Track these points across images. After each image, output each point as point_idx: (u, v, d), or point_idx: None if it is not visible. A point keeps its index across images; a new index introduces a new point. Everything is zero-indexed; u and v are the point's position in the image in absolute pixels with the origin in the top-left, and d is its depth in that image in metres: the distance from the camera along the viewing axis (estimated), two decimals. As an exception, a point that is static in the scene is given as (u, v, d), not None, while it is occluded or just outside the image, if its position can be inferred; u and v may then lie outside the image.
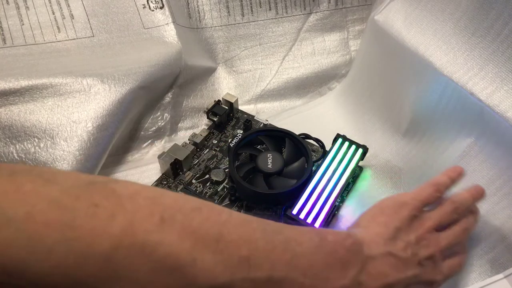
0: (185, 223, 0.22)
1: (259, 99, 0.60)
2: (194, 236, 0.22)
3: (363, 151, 0.46)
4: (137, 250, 0.20)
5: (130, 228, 0.20)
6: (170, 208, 0.22)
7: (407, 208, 0.32)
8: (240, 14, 0.59)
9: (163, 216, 0.22)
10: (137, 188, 0.23)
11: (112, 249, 0.20)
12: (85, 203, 0.20)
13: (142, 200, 0.22)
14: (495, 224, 0.37)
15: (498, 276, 0.32)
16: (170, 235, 0.21)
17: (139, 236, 0.20)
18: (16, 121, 0.43)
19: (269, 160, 0.46)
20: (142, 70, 0.48)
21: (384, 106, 0.52)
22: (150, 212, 0.21)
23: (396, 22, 0.46)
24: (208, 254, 0.22)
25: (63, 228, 0.19)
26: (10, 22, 0.47)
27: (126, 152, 0.52)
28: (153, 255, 0.21)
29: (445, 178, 0.35)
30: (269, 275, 0.23)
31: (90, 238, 0.19)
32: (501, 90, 0.35)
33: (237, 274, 0.22)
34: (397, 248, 0.29)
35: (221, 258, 0.22)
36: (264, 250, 0.24)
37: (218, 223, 0.23)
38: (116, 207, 0.21)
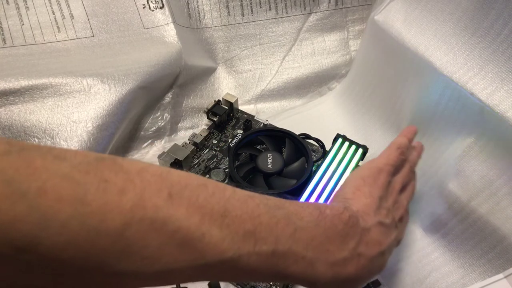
0: (192, 198, 0.22)
1: (259, 99, 0.60)
2: (201, 211, 0.22)
3: (363, 151, 0.46)
4: (148, 225, 0.20)
5: (140, 203, 0.20)
6: (177, 184, 0.23)
7: (383, 175, 0.34)
8: (240, 14, 0.59)
9: (171, 192, 0.22)
10: (144, 165, 0.23)
11: (124, 224, 0.20)
12: (95, 178, 0.20)
13: (150, 176, 0.22)
14: (495, 224, 0.37)
15: (498, 276, 0.32)
16: (178, 210, 0.21)
17: (149, 211, 0.21)
18: (16, 121, 0.43)
19: (269, 160, 0.46)
20: (142, 70, 0.48)
21: (384, 106, 0.52)
22: (159, 188, 0.22)
23: (396, 22, 0.46)
24: (215, 228, 0.22)
25: (75, 203, 0.19)
26: (10, 22, 0.47)
27: (126, 152, 0.52)
28: (163, 230, 0.21)
29: (405, 139, 0.38)
30: (274, 248, 0.24)
31: (102, 213, 0.19)
32: (501, 90, 0.35)
33: (243, 248, 0.23)
34: (383, 216, 0.31)
35: (228, 232, 0.23)
36: (268, 224, 0.24)
37: (223, 198, 0.24)
38: (126, 182, 0.21)
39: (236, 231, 0.23)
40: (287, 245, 0.25)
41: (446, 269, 0.42)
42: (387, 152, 0.36)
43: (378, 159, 0.36)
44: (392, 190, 0.34)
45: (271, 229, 0.24)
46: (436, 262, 0.42)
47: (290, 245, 0.25)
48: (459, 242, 0.41)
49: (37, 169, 0.19)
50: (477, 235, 0.39)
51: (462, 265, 0.41)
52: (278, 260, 0.24)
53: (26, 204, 0.18)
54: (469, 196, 0.39)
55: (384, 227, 0.31)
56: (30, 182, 0.18)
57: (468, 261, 0.41)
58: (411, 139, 0.39)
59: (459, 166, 0.40)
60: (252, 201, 0.25)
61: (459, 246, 0.41)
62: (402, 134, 0.39)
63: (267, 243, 0.24)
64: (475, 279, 0.40)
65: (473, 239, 0.40)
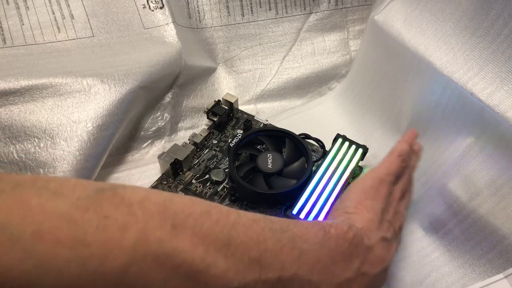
0: (196, 228, 0.22)
1: (259, 99, 0.60)
2: (205, 241, 0.22)
3: (363, 151, 0.46)
4: (152, 261, 0.20)
5: (143, 238, 0.20)
6: (181, 213, 0.22)
7: (385, 186, 0.33)
8: (240, 14, 0.59)
9: (174, 223, 0.21)
10: (145, 194, 0.22)
11: (126, 263, 0.19)
12: (95, 215, 0.19)
13: (152, 206, 0.21)
14: (495, 224, 0.37)
15: (498, 276, 0.32)
16: (182, 242, 0.21)
17: (152, 246, 0.20)
18: (16, 121, 0.43)
19: (269, 160, 0.46)
20: (142, 70, 0.48)
21: (384, 106, 0.52)
22: (162, 219, 0.21)
23: (396, 22, 0.46)
24: (220, 259, 0.22)
25: (74, 246, 0.18)
26: (10, 22, 0.47)
27: (126, 152, 0.52)
28: (168, 264, 0.20)
29: (406, 145, 0.37)
30: (279, 275, 0.24)
31: (103, 253, 0.19)
32: (501, 90, 0.35)
33: (249, 276, 0.23)
34: (385, 230, 0.31)
35: (233, 262, 0.22)
36: (273, 250, 0.24)
37: (228, 225, 0.23)
38: (127, 216, 0.20)
39: (241, 260, 0.22)
40: (292, 270, 0.24)
41: (446, 269, 0.41)
42: (388, 160, 0.35)
43: (379, 169, 0.35)
44: (392, 200, 0.34)
45: (276, 255, 0.24)
46: (436, 262, 0.42)
47: (295, 270, 0.24)
48: (459, 242, 0.41)
49: (32, 209, 0.18)
50: (477, 235, 0.39)
51: (462, 265, 0.41)
52: (284, 286, 0.24)
53: (20, 249, 0.17)
54: (469, 196, 0.39)
55: (386, 242, 0.30)
56: (25, 226, 0.17)
57: (468, 261, 0.41)
58: (413, 144, 0.38)
59: (459, 166, 0.40)
60: (257, 225, 0.24)
61: (459, 246, 0.41)
62: (403, 140, 0.38)
63: (273, 270, 0.23)
64: (475, 279, 0.40)
65: (473, 239, 0.40)
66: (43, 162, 0.42)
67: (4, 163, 0.42)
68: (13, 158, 0.42)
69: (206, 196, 0.46)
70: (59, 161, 0.42)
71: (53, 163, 0.42)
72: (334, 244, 0.27)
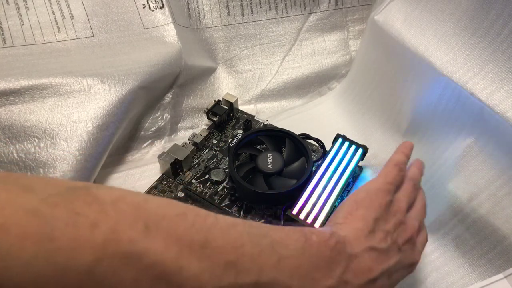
0: (170, 230, 0.22)
1: (259, 99, 0.60)
2: (179, 243, 0.21)
3: (363, 151, 0.46)
4: (121, 260, 0.20)
5: (113, 237, 0.20)
6: (155, 215, 0.22)
7: (382, 195, 0.31)
8: (240, 14, 0.59)
9: (147, 223, 0.21)
10: (120, 194, 0.22)
11: (95, 260, 0.19)
12: (65, 211, 0.19)
13: (126, 206, 0.21)
14: (495, 224, 0.37)
15: (498, 276, 0.32)
16: (155, 243, 0.21)
17: (123, 245, 0.20)
18: (16, 121, 0.43)
19: (269, 160, 0.46)
20: (142, 70, 0.48)
21: (384, 106, 0.52)
22: (134, 219, 0.21)
23: (396, 22, 0.46)
24: (194, 261, 0.21)
25: (41, 240, 0.18)
26: (10, 22, 0.47)
27: (126, 152, 0.52)
28: (138, 264, 0.20)
29: (403, 155, 0.36)
30: (257, 280, 0.23)
31: (70, 249, 0.18)
32: (501, 90, 0.35)
33: (224, 280, 0.22)
34: (377, 240, 0.29)
35: (207, 265, 0.22)
36: (251, 255, 0.24)
37: (204, 228, 0.23)
38: (99, 214, 0.20)
39: (217, 263, 0.22)
40: (271, 275, 0.24)
41: (446, 269, 0.42)
42: (385, 170, 0.34)
43: (376, 179, 0.33)
44: (396, 210, 0.32)
45: (254, 260, 0.23)
46: (436, 262, 0.42)
47: (274, 275, 0.24)
48: (459, 242, 0.41)
49: (0, 203, 0.18)
50: (477, 235, 0.39)
51: (462, 265, 0.41)
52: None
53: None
54: (469, 196, 0.39)
55: (377, 252, 0.29)
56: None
57: (468, 261, 0.41)
58: (408, 155, 0.37)
59: (459, 166, 0.40)
60: (234, 230, 0.24)
61: (459, 246, 0.41)
62: (398, 151, 0.37)
63: (250, 274, 0.23)
64: (475, 279, 0.40)
65: (473, 239, 0.40)
66: (43, 162, 0.42)
67: (4, 163, 0.42)
68: (13, 158, 0.42)
69: (206, 196, 0.46)
70: (59, 161, 0.42)
71: (53, 163, 0.42)
72: (316, 250, 0.26)
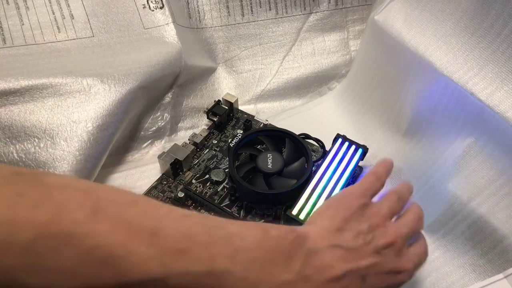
0: (119, 215, 0.22)
1: (259, 99, 0.60)
2: (127, 228, 0.22)
3: (363, 151, 0.46)
4: (63, 240, 0.20)
5: (56, 218, 0.20)
6: (104, 200, 0.22)
7: (353, 197, 0.32)
8: (240, 14, 0.59)
9: (95, 207, 0.21)
10: (69, 181, 0.22)
11: (36, 238, 0.19)
12: (8, 192, 0.20)
13: (73, 192, 0.22)
14: (495, 224, 0.37)
15: (498, 276, 0.32)
16: (101, 226, 0.21)
17: (66, 226, 0.20)
18: (16, 121, 0.43)
19: (269, 160, 0.46)
20: (142, 70, 0.48)
21: (384, 106, 0.52)
22: (81, 203, 0.21)
23: (396, 22, 0.46)
24: (142, 247, 0.22)
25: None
26: (10, 22, 0.47)
27: (126, 152, 0.52)
28: (80, 245, 0.20)
29: (381, 167, 0.36)
30: (209, 269, 0.23)
31: (11, 226, 0.19)
32: (501, 90, 0.35)
33: (174, 267, 0.22)
34: (344, 239, 0.29)
35: (157, 252, 0.22)
36: (204, 244, 0.24)
37: (155, 217, 0.23)
38: (43, 196, 0.20)
39: (167, 250, 0.22)
40: (225, 265, 0.24)
41: (446, 269, 0.42)
42: (362, 178, 0.34)
43: (352, 185, 0.34)
44: (373, 214, 0.31)
45: (206, 249, 0.24)
46: (436, 262, 0.42)
47: (228, 266, 0.24)
48: (459, 242, 0.41)
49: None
50: (477, 235, 0.39)
51: (462, 265, 0.41)
52: (215, 281, 0.24)
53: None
54: (469, 196, 0.39)
55: (342, 250, 0.28)
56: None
57: (468, 261, 0.41)
58: (388, 168, 0.36)
59: (459, 166, 0.40)
60: (188, 220, 0.24)
61: (459, 246, 0.41)
62: (377, 164, 0.36)
63: (202, 263, 0.23)
64: (475, 279, 0.40)
65: (473, 239, 0.40)
66: (43, 162, 0.42)
67: (4, 163, 0.42)
68: (13, 158, 0.42)
69: (206, 196, 0.46)
70: (59, 161, 0.42)
71: (53, 163, 0.42)
72: (274, 244, 0.26)
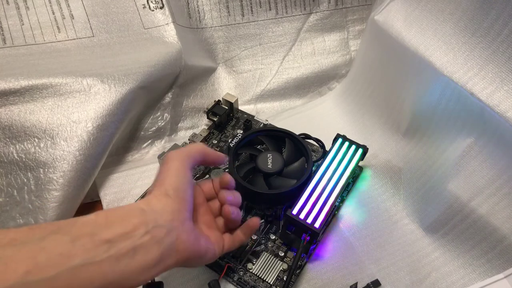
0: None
1: (259, 99, 0.60)
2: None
3: (363, 151, 0.46)
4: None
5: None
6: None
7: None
8: (240, 14, 0.59)
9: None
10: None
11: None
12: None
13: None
14: (495, 224, 0.37)
15: (498, 276, 0.32)
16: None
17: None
18: (16, 121, 0.43)
19: (269, 160, 0.46)
20: (142, 70, 0.48)
21: (384, 106, 0.52)
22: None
23: (396, 22, 0.46)
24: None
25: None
26: (10, 22, 0.47)
27: (126, 152, 0.52)
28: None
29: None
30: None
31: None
32: (501, 90, 0.35)
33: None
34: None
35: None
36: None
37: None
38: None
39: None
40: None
41: (446, 269, 0.42)
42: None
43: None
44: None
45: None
46: (436, 262, 0.42)
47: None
48: (459, 242, 0.41)
49: None
50: (477, 235, 0.39)
51: (462, 265, 0.41)
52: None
53: None
54: (469, 196, 0.39)
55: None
56: None
57: (468, 261, 0.41)
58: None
59: (459, 166, 0.40)
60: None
61: (459, 246, 0.41)
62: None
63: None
64: (475, 279, 0.40)
65: (473, 239, 0.40)
66: (43, 162, 0.42)
67: (4, 163, 0.42)
68: (13, 158, 0.42)
69: (206, 196, 0.46)
70: (59, 161, 0.42)
71: (53, 163, 0.42)
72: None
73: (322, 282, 0.41)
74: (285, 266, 0.41)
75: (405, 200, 0.47)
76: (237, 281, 0.40)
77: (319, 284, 0.41)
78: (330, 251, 0.43)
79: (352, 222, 0.46)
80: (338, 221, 0.46)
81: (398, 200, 0.48)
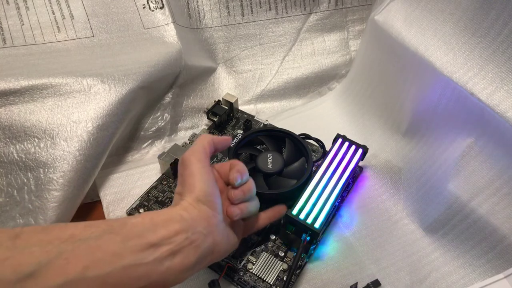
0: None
1: (259, 99, 0.60)
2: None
3: (363, 151, 0.46)
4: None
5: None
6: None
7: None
8: (240, 14, 0.59)
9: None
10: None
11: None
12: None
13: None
14: (495, 224, 0.37)
15: (498, 276, 0.32)
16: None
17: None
18: (16, 121, 0.43)
19: (269, 160, 0.46)
20: (142, 70, 0.48)
21: (384, 106, 0.52)
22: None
23: (396, 22, 0.46)
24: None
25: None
26: (10, 22, 0.47)
27: (126, 152, 0.52)
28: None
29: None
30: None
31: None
32: (501, 90, 0.35)
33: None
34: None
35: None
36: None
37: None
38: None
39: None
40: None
41: (446, 269, 0.42)
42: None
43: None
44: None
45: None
46: (436, 262, 0.42)
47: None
48: (459, 242, 0.41)
49: None
50: (477, 235, 0.39)
51: (462, 265, 0.41)
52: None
53: None
54: (469, 196, 0.39)
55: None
56: None
57: (468, 261, 0.41)
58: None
59: (459, 166, 0.40)
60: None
61: (459, 246, 0.41)
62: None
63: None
64: (475, 279, 0.40)
65: (473, 239, 0.40)
66: (43, 162, 0.42)
67: (4, 163, 0.42)
68: (13, 158, 0.42)
69: (206, 196, 0.46)
70: (59, 161, 0.42)
71: (53, 163, 0.42)
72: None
73: (322, 282, 0.41)
74: (285, 266, 0.41)
75: (405, 200, 0.47)
76: (237, 281, 0.40)
77: (319, 284, 0.41)
78: (330, 251, 0.43)
79: (352, 222, 0.46)
80: (338, 221, 0.46)
81: (398, 200, 0.48)
